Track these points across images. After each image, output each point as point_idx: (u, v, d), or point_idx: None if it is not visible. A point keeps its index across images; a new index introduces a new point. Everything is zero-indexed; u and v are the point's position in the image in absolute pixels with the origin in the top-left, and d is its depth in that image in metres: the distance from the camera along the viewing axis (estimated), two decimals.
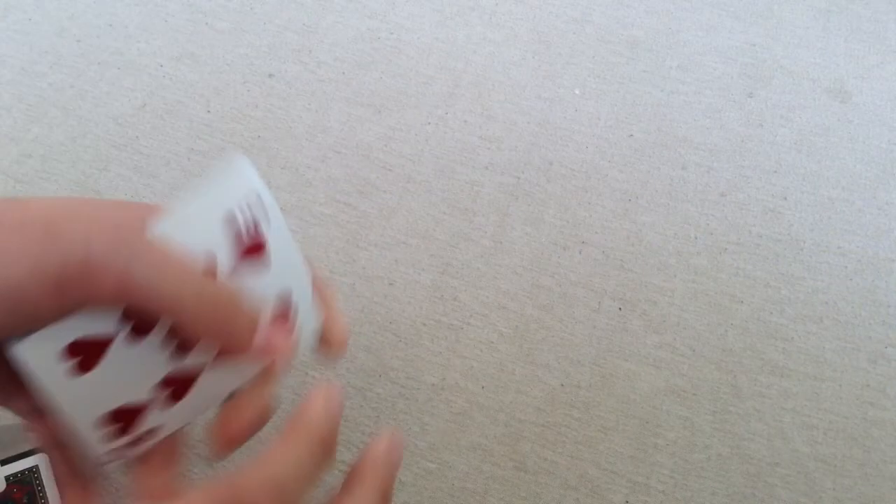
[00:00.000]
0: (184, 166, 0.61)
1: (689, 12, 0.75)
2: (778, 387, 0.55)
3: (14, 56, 0.66)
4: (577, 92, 0.68)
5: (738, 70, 0.71)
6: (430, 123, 0.65)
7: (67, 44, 0.67)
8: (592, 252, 0.60)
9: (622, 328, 0.56)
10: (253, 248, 0.27)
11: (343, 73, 0.67)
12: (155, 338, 0.27)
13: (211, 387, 0.29)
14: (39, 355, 0.24)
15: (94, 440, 0.27)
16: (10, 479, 0.41)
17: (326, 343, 0.32)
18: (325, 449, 0.26)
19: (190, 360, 0.28)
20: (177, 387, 0.28)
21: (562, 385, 0.54)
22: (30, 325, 0.24)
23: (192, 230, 0.26)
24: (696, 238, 0.61)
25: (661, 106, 0.68)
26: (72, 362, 0.25)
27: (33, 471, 0.41)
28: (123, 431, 0.28)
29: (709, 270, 0.60)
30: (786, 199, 0.64)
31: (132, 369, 0.27)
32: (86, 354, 0.25)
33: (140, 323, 0.26)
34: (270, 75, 0.67)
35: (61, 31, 0.68)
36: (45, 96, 0.64)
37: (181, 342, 0.27)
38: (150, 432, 0.29)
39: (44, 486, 0.41)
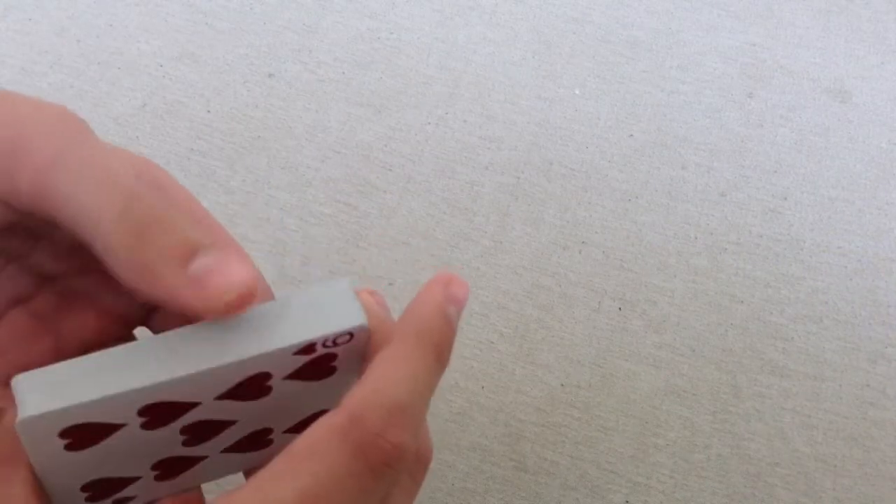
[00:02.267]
0: (184, 166, 0.61)
1: (689, 12, 0.75)
2: (778, 387, 0.55)
3: (14, 56, 0.66)
4: (577, 92, 0.68)
5: (738, 70, 0.71)
6: (430, 123, 0.65)
7: (67, 44, 0.67)
8: (592, 252, 0.60)
9: (622, 328, 0.56)
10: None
11: (343, 73, 0.67)
12: (172, 429, 0.23)
13: (212, 474, 0.27)
14: (38, 432, 0.21)
15: (71, 498, 0.24)
16: None
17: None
18: (441, 357, 0.22)
19: (205, 451, 0.25)
20: (175, 468, 0.25)
21: (562, 385, 0.54)
22: None
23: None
24: (696, 238, 0.61)
25: (661, 106, 0.68)
26: (70, 440, 0.22)
27: None
28: (105, 496, 0.25)
29: (709, 270, 0.60)
30: (786, 199, 0.64)
31: (135, 450, 0.24)
32: (89, 435, 0.22)
33: (157, 417, 0.22)
34: (270, 75, 0.67)
35: (61, 31, 0.68)
36: (45, 96, 0.64)
37: (202, 432, 0.24)
38: (130, 499, 0.26)
39: None
